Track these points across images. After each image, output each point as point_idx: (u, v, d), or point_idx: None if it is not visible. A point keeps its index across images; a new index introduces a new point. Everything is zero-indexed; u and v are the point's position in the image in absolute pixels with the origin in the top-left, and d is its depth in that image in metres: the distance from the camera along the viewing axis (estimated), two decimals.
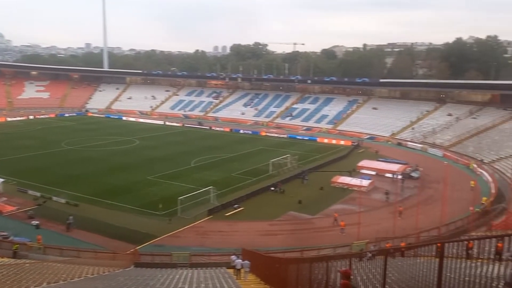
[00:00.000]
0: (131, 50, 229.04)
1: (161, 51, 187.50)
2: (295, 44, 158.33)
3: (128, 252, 29.96)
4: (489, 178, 50.11)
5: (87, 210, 38.73)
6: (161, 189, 45.42)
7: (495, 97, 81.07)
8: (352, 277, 8.17)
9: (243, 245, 29.73)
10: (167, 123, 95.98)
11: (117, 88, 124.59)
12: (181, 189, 43.60)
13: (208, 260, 29.63)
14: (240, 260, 22.44)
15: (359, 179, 48.79)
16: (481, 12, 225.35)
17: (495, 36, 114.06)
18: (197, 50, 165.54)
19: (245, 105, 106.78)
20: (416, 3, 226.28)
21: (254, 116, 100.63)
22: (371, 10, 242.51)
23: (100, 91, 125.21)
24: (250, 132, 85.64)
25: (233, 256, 24.43)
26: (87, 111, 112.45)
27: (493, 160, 57.17)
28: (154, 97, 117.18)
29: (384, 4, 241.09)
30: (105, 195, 42.92)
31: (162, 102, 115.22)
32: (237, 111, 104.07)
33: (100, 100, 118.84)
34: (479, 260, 10.28)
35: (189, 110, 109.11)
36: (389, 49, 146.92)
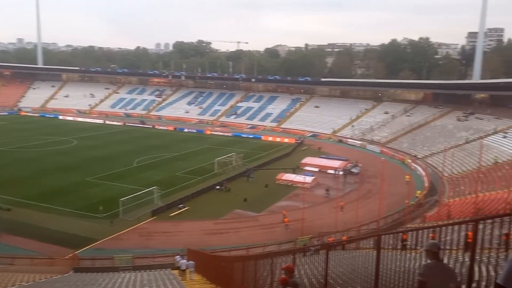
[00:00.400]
0: (68, 46, 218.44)
1: (100, 48, 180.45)
2: (239, 42, 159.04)
3: (66, 257, 28.62)
4: (423, 172, 53.10)
5: (21, 215, 36.51)
6: (102, 191, 43.80)
7: (427, 96, 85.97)
8: (295, 272, 8.31)
9: (188, 245, 29.41)
10: (107, 122, 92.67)
11: (53, 86, 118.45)
12: (123, 190, 42.31)
13: (152, 262, 29.01)
14: (184, 261, 22.19)
15: (303, 176, 49.88)
16: (414, 14, 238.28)
17: (427, 38, 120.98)
18: (138, 47, 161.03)
19: (189, 103, 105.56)
20: (354, 4, 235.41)
21: (198, 114, 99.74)
22: (312, 11, 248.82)
23: (34, 88, 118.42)
24: (194, 131, 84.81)
25: (177, 256, 24.11)
26: (20, 110, 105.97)
27: (426, 155, 60.64)
28: (92, 95, 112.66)
29: (324, 4, 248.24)
30: (41, 198, 40.69)
31: (102, 101, 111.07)
32: (181, 109, 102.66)
33: (34, 98, 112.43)
34: (414, 251, 10.86)
35: (131, 109, 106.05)
36: (329, 49, 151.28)
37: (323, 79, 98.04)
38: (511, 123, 60.42)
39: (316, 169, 55.22)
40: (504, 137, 55.87)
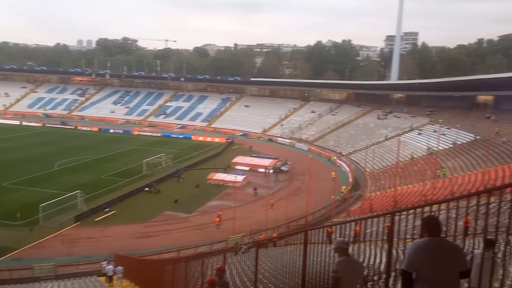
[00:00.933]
0: None
1: (16, 44, 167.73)
2: (166, 40, 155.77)
3: None
4: (347, 169, 55.69)
5: None
6: (20, 196, 40.74)
7: (350, 96, 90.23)
8: (226, 272, 8.32)
9: (116, 250, 28.32)
10: (24, 123, 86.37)
11: None
12: (44, 195, 39.65)
13: (76, 270, 27.53)
14: (111, 266, 21.35)
15: (234, 175, 50.11)
16: (337, 18, 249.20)
17: (349, 41, 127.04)
18: (58, 43, 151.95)
19: (115, 103, 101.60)
20: (281, 6, 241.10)
21: (125, 114, 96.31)
22: (241, 11, 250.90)
23: None
24: (121, 131, 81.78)
25: (103, 262, 23.12)
26: None
27: (350, 152, 63.65)
28: (7, 95, 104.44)
29: (251, 5, 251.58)
30: None
31: (18, 100, 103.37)
32: (106, 109, 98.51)
33: None
34: None
35: (51, 109, 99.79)
36: (258, 49, 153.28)
37: (252, 79, 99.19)
38: (425, 121, 65.26)
39: (247, 168, 55.75)
40: (419, 134, 60.21)
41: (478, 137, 49.96)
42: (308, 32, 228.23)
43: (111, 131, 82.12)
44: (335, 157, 61.32)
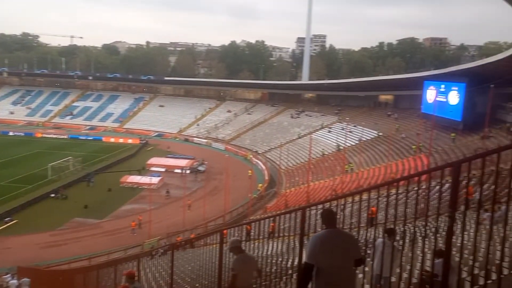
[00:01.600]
0: None
1: None
2: (72, 37, 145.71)
3: None
4: (263, 167, 56.92)
5: None
6: None
7: (264, 95, 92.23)
8: (136, 277, 8.06)
9: (20, 262, 26.05)
10: None
11: None
12: None
13: None
14: (15, 281, 19.61)
15: (149, 177, 48.72)
16: (250, 18, 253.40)
17: (263, 41, 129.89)
18: None
19: (14, 103, 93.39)
20: (194, 5, 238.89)
21: (26, 115, 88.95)
22: (153, 8, 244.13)
23: None
24: (22, 134, 75.42)
25: (6, 276, 21.16)
26: None
27: (266, 150, 65.12)
28: None
29: (163, 3, 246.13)
30: None
31: None
32: (4, 110, 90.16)
33: None
34: (257, 241, 11.52)
35: None
36: (171, 48, 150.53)
37: (166, 78, 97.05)
38: (334, 119, 68.86)
39: (163, 169, 54.53)
40: (329, 132, 63.40)
41: (380, 134, 53.91)
42: (222, 32, 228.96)
43: (11, 133, 75.37)
44: (251, 156, 62.32)
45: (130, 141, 73.31)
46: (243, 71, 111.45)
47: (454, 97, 44.83)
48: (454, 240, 4.42)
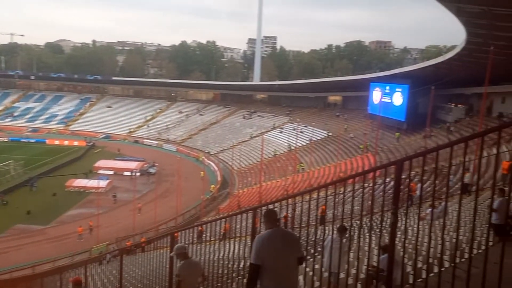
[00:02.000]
0: None
1: None
2: (12, 34, 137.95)
3: None
4: (216, 168, 56.69)
5: None
6: None
7: (216, 96, 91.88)
8: (83, 284, 7.79)
9: None
10: None
11: None
12: None
13: None
14: None
15: (97, 180, 47.13)
16: (201, 18, 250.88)
17: (214, 42, 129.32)
18: None
19: None
20: (142, 3, 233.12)
21: None
22: (99, 6, 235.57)
23: None
24: None
25: None
26: None
27: (218, 151, 64.91)
28: None
29: (110, 1, 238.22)
30: None
31: None
32: None
33: None
34: (209, 243, 11.46)
35: None
36: (119, 47, 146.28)
37: (114, 78, 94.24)
38: (285, 120, 69.80)
39: (112, 172, 52.91)
40: (281, 132, 64.21)
41: (330, 134, 55.31)
42: (172, 31, 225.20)
43: None
44: (203, 157, 61.87)
45: (76, 143, 70.44)
46: (194, 72, 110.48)
47: (398, 98, 46.79)
48: (400, 235, 4.61)
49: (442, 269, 4.44)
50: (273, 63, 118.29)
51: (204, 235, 15.54)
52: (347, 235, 6.80)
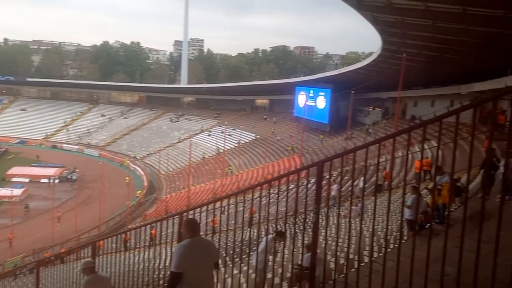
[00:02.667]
0: None
1: None
2: None
3: None
4: (142, 172, 55.06)
5: None
6: None
7: (142, 99, 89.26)
8: None
9: None
10: None
11: None
12: None
13: None
14: None
15: (10, 189, 43.66)
16: (124, 19, 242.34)
17: (138, 43, 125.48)
18: None
19: None
20: (60, 1, 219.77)
21: None
22: (12, 4, 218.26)
23: None
24: None
25: None
26: None
27: (144, 155, 63.11)
28: None
29: None
30: None
31: None
32: None
33: None
34: (135, 250, 11.10)
35: None
36: (35, 46, 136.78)
37: (29, 79, 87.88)
38: (213, 123, 69.68)
39: (27, 180, 49.33)
40: (209, 135, 63.97)
41: (258, 136, 56.16)
42: (93, 31, 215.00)
43: None
44: (128, 162, 59.81)
45: None
46: (117, 73, 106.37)
47: (321, 102, 48.76)
48: (325, 233, 4.80)
49: (362, 264, 4.70)
50: (201, 66, 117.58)
51: (129, 243, 15.05)
52: (272, 234, 6.97)
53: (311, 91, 51.20)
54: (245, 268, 8.15)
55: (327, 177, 4.49)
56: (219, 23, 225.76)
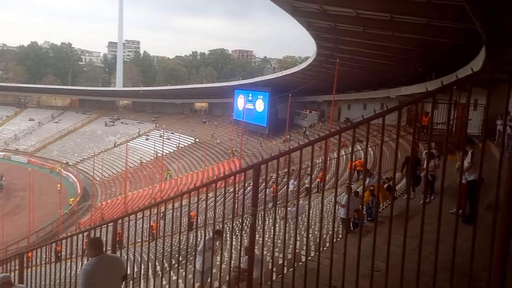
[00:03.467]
0: None
1: None
2: None
3: None
4: (75, 179, 52.54)
5: None
6: None
7: (74, 102, 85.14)
8: None
9: None
10: None
11: None
12: None
13: None
14: None
15: None
16: (54, 19, 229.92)
17: (70, 44, 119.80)
18: None
19: None
20: None
21: None
22: None
23: None
24: None
25: None
26: None
27: (77, 161, 60.28)
28: None
29: None
30: None
31: None
32: None
33: None
34: (69, 260, 10.56)
35: None
36: None
37: None
38: (151, 127, 68.12)
39: None
40: (147, 139, 62.39)
41: (197, 140, 55.67)
42: (20, 31, 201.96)
43: None
44: (60, 168, 56.76)
45: None
46: (47, 75, 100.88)
47: (260, 105, 49.39)
48: (262, 235, 4.84)
49: (300, 263, 4.81)
50: (137, 68, 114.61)
51: (61, 253, 14.32)
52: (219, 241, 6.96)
53: (250, 95, 51.68)
54: (185, 274, 8.06)
55: (269, 178, 4.55)
56: (156, 25, 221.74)
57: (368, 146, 25.68)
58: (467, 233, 2.98)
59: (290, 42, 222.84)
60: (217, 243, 6.81)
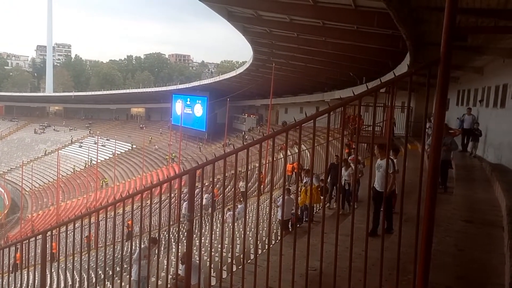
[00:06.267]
0: None
1: None
2: None
3: None
4: (2, 190, 49.15)
5: None
6: None
7: (0, 109, 79.60)
8: None
9: None
10: None
11: None
12: None
13: None
14: None
15: None
16: None
17: None
18: None
19: None
20: None
21: None
22: None
23: None
24: None
25: None
26: None
27: (5, 171, 56.34)
28: None
29: None
30: None
31: None
32: None
33: None
34: None
35: None
36: None
37: None
38: (85, 133, 65.24)
39: None
40: (80, 146, 59.64)
41: (134, 146, 54.11)
42: None
43: None
44: None
45: None
46: None
47: (198, 110, 49.06)
48: (199, 241, 4.80)
49: (240, 267, 4.82)
50: (68, 73, 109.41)
51: None
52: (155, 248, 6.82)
53: (188, 99, 51.17)
54: (121, 283, 7.80)
55: (206, 184, 4.52)
56: (88, 28, 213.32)
57: (305, 148, 26.41)
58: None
59: (228, 47, 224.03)
60: (154, 250, 6.67)
